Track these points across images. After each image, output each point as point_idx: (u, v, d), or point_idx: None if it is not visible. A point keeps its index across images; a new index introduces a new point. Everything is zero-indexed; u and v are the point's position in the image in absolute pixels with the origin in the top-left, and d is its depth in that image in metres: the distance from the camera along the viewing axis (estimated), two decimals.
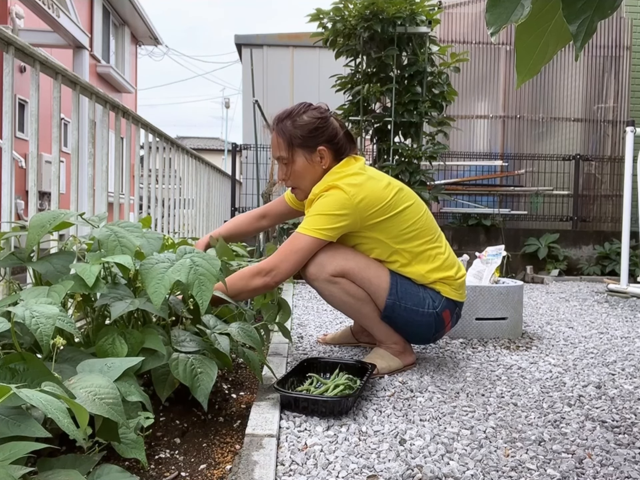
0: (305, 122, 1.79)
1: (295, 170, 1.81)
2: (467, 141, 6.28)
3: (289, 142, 1.79)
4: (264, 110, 5.04)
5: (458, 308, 1.92)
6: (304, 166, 1.80)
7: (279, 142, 1.81)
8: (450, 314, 1.88)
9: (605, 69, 6.36)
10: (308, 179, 1.82)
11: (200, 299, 1.27)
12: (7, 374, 0.93)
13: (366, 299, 1.80)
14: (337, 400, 1.41)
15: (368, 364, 1.69)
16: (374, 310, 1.82)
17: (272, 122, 1.86)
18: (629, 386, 1.75)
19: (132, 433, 1.03)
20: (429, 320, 1.82)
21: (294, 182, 1.85)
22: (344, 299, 1.79)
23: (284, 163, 1.83)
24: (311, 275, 1.78)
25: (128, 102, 12.04)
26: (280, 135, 1.80)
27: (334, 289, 1.78)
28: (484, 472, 1.12)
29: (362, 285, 1.78)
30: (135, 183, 2.78)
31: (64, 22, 6.90)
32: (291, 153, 1.79)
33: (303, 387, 1.57)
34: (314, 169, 1.81)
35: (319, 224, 1.69)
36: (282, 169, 1.84)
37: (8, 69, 1.51)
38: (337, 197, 1.71)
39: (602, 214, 6.31)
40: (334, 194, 1.72)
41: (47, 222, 1.28)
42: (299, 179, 1.83)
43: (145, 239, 1.40)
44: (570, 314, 3.23)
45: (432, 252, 1.83)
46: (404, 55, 4.08)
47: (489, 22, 0.73)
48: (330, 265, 1.74)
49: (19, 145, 6.67)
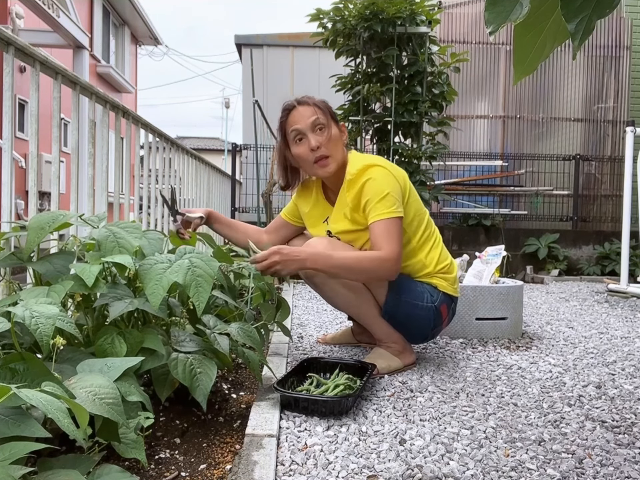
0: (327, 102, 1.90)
1: (332, 136, 1.82)
2: (467, 141, 6.28)
3: (324, 109, 1.84)
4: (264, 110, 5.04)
5: (454, 303, 1.95)
6: (336, 134, 1.85)
7: (315, 110, 1.82)
8: (447, 308, 1.90)
9: (605, 69, 6.36)
10: (339, 150, 1.85)
11: (197, 300, 1.26)
12: (7, 374, 0.93)
13: (366, 294, 1.82)
14: (337, 400, 1.41)
15: (368, 364, 1.69)
16: (374, 307, 1.83)
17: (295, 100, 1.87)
18: (629, 386, 1.75)
19: (132, 433, 1.03)
20: (429, 314, 1.83)
21: (328, 150, 1.82)
22: (344, 294, 1.81)
23: (319, 129, 1.81)
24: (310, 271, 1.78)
25: (128, 102, 12.04)
26: (316, 104, 1.84)
27: (333, 282, 1.79)
28: (484, 472, 1.12)
29: None
30: (135, 183, 2.78)
31: (64, 22, 6.90)
32: (326, 118, 1.83)
33: (303, 387, 1.57)
34: (341, 141, 1.87)
35: (391, 204, 1.73)
36: (316, 136, 1.81)
37: (8, 69, 1.51)
38: (384, 173, 1.77)
39: (602, 214, 6.31)
40: (378, 172, 1.77)
41: (47, 223, 1.28)
42: (334, 147, 1.83)
43: (146, 240, 1.40)
44: (570, 314, 3.23)
45: (435, 239, 1.92)
46: (404, 55, 4.08)
47: (488, 21, 0.73)
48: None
49: (19, 145, 6.67)
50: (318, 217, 1.95)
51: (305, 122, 1.81)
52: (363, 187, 1.76)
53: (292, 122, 1.83)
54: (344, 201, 1.82)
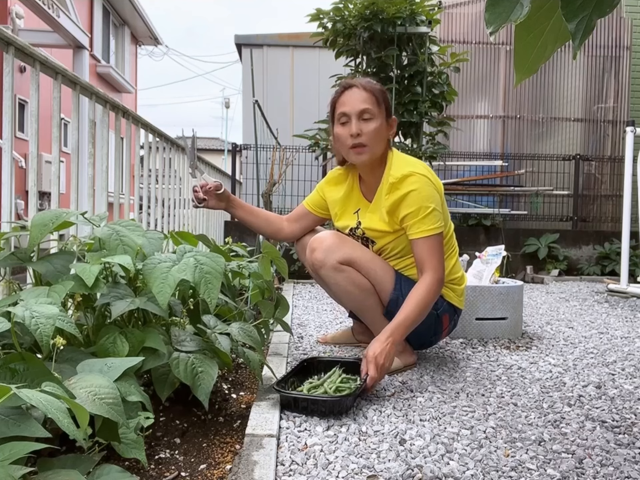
0: (387, 93, 1.84)
1: (376, 127, 1.76)
2: (467, 141, 6.28)
3: (379, 99, 1.78)
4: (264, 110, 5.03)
5: (457, 315, 1.94)
6: (382, 128, 1.79)
7: (367, 96, 1.77)
8: (449, 319, 1.90)
9: (605, 69, 6.36)
10: (380, 143, 1.80)
11: (209, 297, 1.27)
12: (7, 374, 0.93)
13: (371, 290, 1.81)
14: (337, 400, 1.41)
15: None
16: (377, 304, 1.83)
17: (351, 81, 1.83)
18: (629, 386, 1.75)
19: (132, 433, 1.03)
20: (429, 320, 1.82)
21: (367, 140, 1.76)
22: (349, 288, 1.80)
23: (364, 119, 1.76)
24: (318, 262, 1.78)
25: (128, 102, 12.04)
26: (370, 90, 1.78)
27: (339, 277, 1.78)
28: (484, 472, 1.12)
29: (368, 275, 1.79)
30: (135, 183, 2.78)
31: (64, 22, 6.90)
32: (378, 110, 1.78)
33: (303, 387, 1.57)
34: (385, 136, 1.82)
35: (436, 219, 1.72)
36: (359, 125, 1.76)
37: (8, 69, 1.51)
38: (427, 187, 1.74)
39: (602, 214, 6.31)
40: (422, 184, 1.73)
41: (50, 221, 1.28)
42: (374, 139, 1.77)
43: (147, 239, 1.40)
44: (570, 314, 3.23)
45: (453, 250, 1.91)
46: (404, 55, 4.08)
47: (488, 22, 0.73)
48: (338, 252, 1.76)
49: (19, 145, 6.67)
50: (350, 206, 1.94)
51: (354, 106, 1.76)
52: (406, 196, 1.72)
53: (342, 102, 1.79)
54: (381, 201, 1.80)
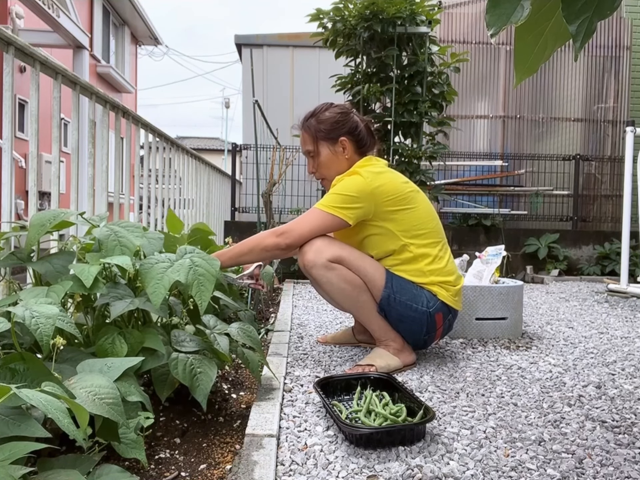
0: (327, 117, 1.97)
1: (321, 161, 1.98)
2: (467, 141, 6.28)
3: (314, 136, 1.97)
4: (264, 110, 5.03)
5: (452, 315, 1.93)
6: (328, 157, 1.97)
7: (305, 137, 2.00)
8: (443, 318, 1.89)
9: (605, 69, 6.36)
10: (333, 169, 1.97)
11: (200, 299, 1.27)
12: (7, 374, 0.93)
13: (363, 286, 1.83)
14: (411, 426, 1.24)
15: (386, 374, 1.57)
16: (371, 300, 1.84)
17: (299, 123, 2.04)
18: (629, 386, 1.75)
19: (132, 433, 1.03)
20: (422, 318, 1.83)
21: (321, 173, 2.00)
22: (342, 285, 1.81)
23: (311, 156, 2.00)
24: (309, 262, 1.81)
25: (128, 102, 12.04)
26: (306, 131, 1.99)
27: (331, 275, 1.80)
28: (484, 472, 1.12)
29: (358, 272, 1.82)
30: (135, 183, 2.78)
31: (64, 22, 6.90)
32: (316, 146, 1.97)
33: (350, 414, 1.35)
34: (337, 159, 1.97)
35: (334, 201, 1.82)
36: (310, 162, 2.02)
37: (8, 69, 1.51)
38: (355, 181, 1.84)
39: (602, 214, 6.30)
40: (353, 177, 1.87)
41: (48, 220, 1.28)
42: (325, 169, 1.99)
43: (146, 239, 1.40)
44: (570, 314, 3.23)
45: (437, 254, 1.89)
46: (404, 55, 4.08)
47: (489, 24, 0.73)
48: (327, 251, 1.81)
49: (19, 145, 6.67)
50: None
51: (303, 149, 2.03)
52: (334, 187, 1.88)
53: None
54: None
